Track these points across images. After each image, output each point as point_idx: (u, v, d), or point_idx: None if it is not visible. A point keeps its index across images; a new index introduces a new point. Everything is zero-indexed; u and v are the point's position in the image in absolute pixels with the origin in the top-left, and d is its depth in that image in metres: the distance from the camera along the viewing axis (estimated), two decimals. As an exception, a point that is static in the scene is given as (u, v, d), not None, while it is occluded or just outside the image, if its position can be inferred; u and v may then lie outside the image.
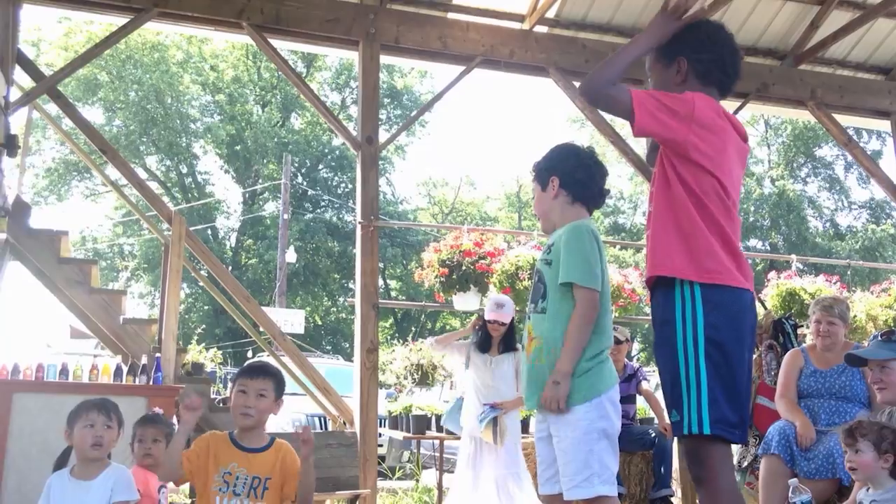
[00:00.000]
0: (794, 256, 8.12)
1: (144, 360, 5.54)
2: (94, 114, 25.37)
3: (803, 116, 9.64)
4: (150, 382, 5.36)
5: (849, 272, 9.70)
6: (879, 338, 3.45)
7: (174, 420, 5.70)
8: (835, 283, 7.30)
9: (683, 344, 2.44)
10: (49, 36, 24.24)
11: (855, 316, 7.21)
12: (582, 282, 2.77)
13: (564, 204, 2.95)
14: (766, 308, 6.76)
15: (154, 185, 26.19)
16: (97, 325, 6.46)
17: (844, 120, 8.71)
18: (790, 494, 3.50)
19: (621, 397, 5.98)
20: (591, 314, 2.74)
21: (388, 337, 26.45)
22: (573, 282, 2.77)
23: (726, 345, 2.42)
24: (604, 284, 2.87)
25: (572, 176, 2.93)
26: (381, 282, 26.80)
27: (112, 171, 16.40)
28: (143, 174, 25.36)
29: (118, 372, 5.35)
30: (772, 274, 7.42)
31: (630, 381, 6.22)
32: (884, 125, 8.93)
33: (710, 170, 2.52)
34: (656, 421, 6.30)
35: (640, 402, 6.74)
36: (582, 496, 2.60)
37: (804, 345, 4.90)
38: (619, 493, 5.53)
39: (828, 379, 4.50)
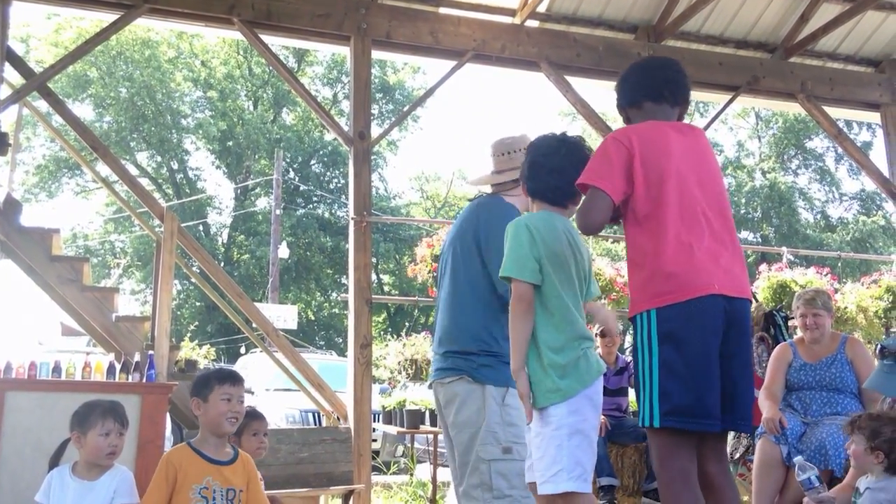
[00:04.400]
0: (784, 249, 8.15)
1: (137, 357, 5.53)
2: (84, 110, 25.29)
3: (794, 109, 9.67)
4: (144, 380, 5.35)
5: (839, 264, 9.73)
6: (884, 361, 3.46)
7: (168, 419, 5.71)
8: (825, 275, 7.33)
9: (641, 340, 2.58)
10: (38, 32, 24.11)
11: (845, 307, 7.25)
12: (504, 272, 2.67)
13: (531, 203, 2.90)
14: (756, 300, 6.79)
15: (145, 182, 26.11)
16: (89, 323, 6.45)
17: (834, 112, 8.74)
18: (797, 472, 3.53)
19: (614, 390, 6.07)
20: (518, 306, 2.61)
21: (381, 332, 26.47)
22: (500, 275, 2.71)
23: (678, 334, 2.50)
24: (561, 272, 2.67)
25: (525, 175, 2.88)
26: (374, 277, 26.82)
27: (103, 168, 16.36)
28: (133, 170, 25.27)
29: (111, 369, 5.34)
30: (763, 266, 7.44)
31: (622, 373, 6.25)
32: (874, 117, 8.97)
33: (647, 188, 2.64)
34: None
35: (633, 394, 6.77)
36: (550, 491, 2.56)
37: (793, 339, 4.92)
38: (612, 486, 5.58)
39: (818, 371, 4.52)
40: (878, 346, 3.51)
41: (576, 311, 2.63)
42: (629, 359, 6.53)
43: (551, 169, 2.74)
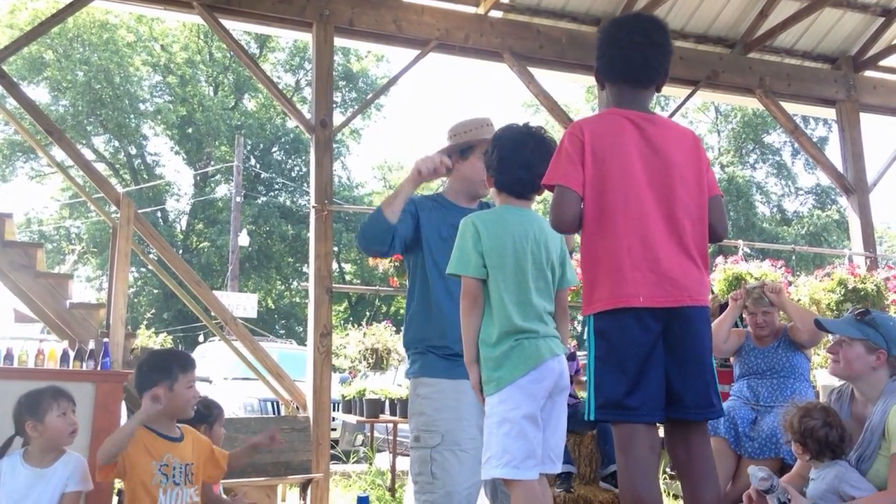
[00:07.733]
0: (741, 241, 8.27)
1: (92, 345, 5.44)
2: (39, 93, 24.76)
3: (752, 104, 9.82)
4: (98, 368, 5.26)
5: (794, 257, 9.92)
6: (855, 315, 3.46)
7: (122, 407, 5.63)
8: (780, 268, 7.45)
9: (586, 336, 2.65)
10: (-9, 13, 23.54)
11: (799, 300, 7.38)
12: (449, 269, 2.76)
13: (494, 193, 2.95)
14: (713, 292, 6.89)
15: (102, 167, 25.66)
16: (43, 310, 6.33)
17: (791, 108, 8.89)
18: (757, 481, 3.55)
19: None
20: (463, 301, 2.73)
21: (342, 321, 26.37)
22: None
23: (608, 333, 2.53)
24: (501, 268, 2.71)
25: (494, 168, 2.91)
26: (335, 266, 26.69)
27: (58, 152, 16.05)
28: (90, 155, 24.81)
29: (65, 357, 5.24)
30: (719, 258, 7.55)
31: (571, 360, 6.28)
32: (829, 113, 9.14)
33: (593, 189, 2.59)
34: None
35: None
36: (483, 477, 2.66)
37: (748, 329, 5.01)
38: (569, 473, 5.61)
39: (767, 354, 4.62)
40: (862, 309, 3.51)
41: (516, 304, 2.67)
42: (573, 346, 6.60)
43: (521, 164, 2.78)
